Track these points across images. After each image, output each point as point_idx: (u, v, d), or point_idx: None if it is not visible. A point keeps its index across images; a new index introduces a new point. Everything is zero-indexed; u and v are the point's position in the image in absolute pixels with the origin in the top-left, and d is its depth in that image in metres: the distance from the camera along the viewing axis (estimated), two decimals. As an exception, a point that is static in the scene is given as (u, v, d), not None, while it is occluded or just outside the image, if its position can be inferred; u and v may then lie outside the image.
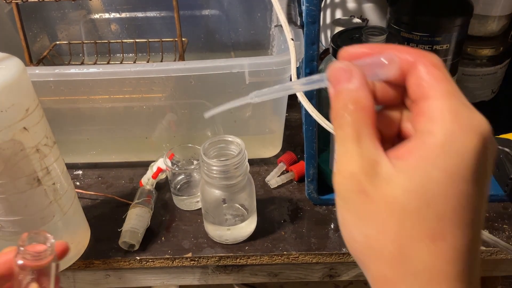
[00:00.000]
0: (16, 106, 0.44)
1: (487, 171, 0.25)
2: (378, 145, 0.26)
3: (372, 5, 0.79)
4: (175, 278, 0.63)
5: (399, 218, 0.24)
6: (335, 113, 0.27)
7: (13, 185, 0.47)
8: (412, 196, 0.24)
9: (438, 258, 0.24)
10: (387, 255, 0.25)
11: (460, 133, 0.24)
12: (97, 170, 0.73)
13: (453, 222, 0.24)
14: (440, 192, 0.24)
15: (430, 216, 0.24)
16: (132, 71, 0.60)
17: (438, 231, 0.24)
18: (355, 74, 0.26)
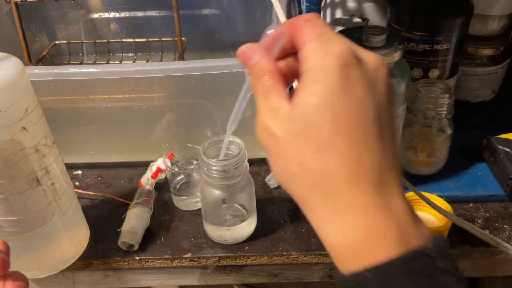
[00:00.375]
0: (15, 106, 0.44)
1: (357, 82, 0.30)
2: (282, 95, 0.31)
3: (372, 5, 0.79)
4: (174, 278, 0.63)
5: (295, 143, 0.30)
6: (252, 84, 0.33)
7: (12, 185, 0.47)
8: (298, 122, 0.30)
9: (331, 165, 0.29)
10: (297, 177, 0.30)
11: (323, 62, 0.30)
12: (97, 170, 0.73)
13: (333, 132, 0.29)
14: (316, 111, 0.29)
15: (313, 134, 0.29)
16: (131, 70, 0.60)
17: (325, 142, 0.29)
18: (255, 50, 0.34)
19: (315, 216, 0.31)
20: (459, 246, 0.58)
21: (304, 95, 0.30)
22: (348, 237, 0.29)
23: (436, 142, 0.64)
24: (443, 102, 0.61)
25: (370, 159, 0.29)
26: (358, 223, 0.29)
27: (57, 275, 0.60)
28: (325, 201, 0.29)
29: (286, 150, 0.30)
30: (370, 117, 0.30)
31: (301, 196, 0.31)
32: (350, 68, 0.30)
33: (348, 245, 0.29)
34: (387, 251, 0.28)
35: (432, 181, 0.66)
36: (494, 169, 0.66)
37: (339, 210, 0.29)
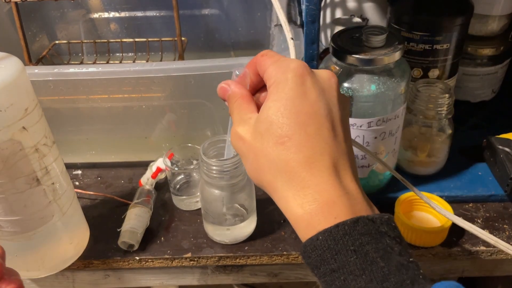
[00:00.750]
0: (15, 106, 0.44)
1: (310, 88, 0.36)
2: (252, 110, 0.39)
3: (373, 4, 0.79)
4: (174, 278, 0.63)
5: (261, 140, 0.36)
6: (229, 109, 0.41)
7: (12, 185, 0.47)
8: (263, 123, 0.36)
9: (289, 153, 0.35)
10: (264, 167, 0.36)
11: (282, 76, 0.37)
12: (97, 170, 0.73)
13: (291, 126, 0.35)
14: (277, 112, 0.35)
15: (274, 130, 0.35)
16: (131, 70, 0.60)
17: (284, 135, 0.35)
18: (229, 83, 0.41)
19: (280, 197, 0.36)
20: (459, 246, 0.58)
21: (267, 102, 0.36)
22: (306, 209, 0.34)
23: (436, 142, 0.64)
24: (443, 102, 0.61)
25: (322, 147, 0.35)
26: (314, 198, 0.34)
27: (57, 275, 0.60)
28: (288, 183, 0.35)
29: (254, 148, 0.36)
30: (322, 114, 0.36)
31: (269, 183, 0.36)
32: (304, 77, 0.36)
33: (306, 216, 0.34)
34: (338, 218, 0.33)
35: (432, 181, 0.66)
36: (494, 169, 0.66)
37: (298, 189, 0.34)
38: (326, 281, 0.33)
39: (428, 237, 0.57)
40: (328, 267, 0.32)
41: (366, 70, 0.53)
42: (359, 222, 0.33)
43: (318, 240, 0.33)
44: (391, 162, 0.62)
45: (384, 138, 0.58)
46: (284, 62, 0.38)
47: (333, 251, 0.32)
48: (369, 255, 0.32)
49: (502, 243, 0.50)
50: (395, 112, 0.56)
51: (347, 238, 0.32)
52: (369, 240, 0.32)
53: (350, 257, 0.32)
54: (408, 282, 0.31)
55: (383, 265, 0.31)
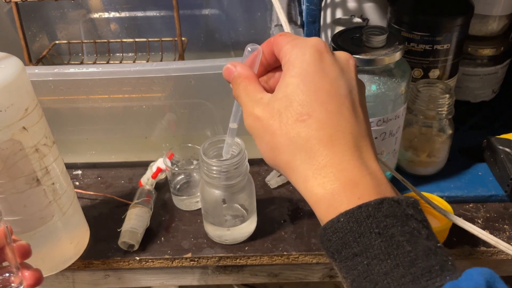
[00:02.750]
0: (15, 106, 0.44)
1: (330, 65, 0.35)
2: (261, 90, 0.38)
3: (373, 5, 0.79)
4: (174, 278, 0.63)
5: (279, 118, 0.35)
6: (234, 92, 0.40)
7: (12, 185, 0.47)
8: (281, 100, 0.35)
9: (311, 130, 0.34)
10: (282, 146, 0.35)
11: (300, 51, 0.36)
12: (97, 170, 0.73)
13: (312, 104, 0.34)
14: (296, 89, 0.34)
15: (295, 107, 0.34)
16: (131, 70, 0.60)
17: (304, 114, 0.34)
18: (235, 64, 0.40)
19: (299, 176, 0.34)
20: (459, 246, 0.58)
21: (285, 78, 0.35)
22: (327, 189, 0.32)
23: (436, 142, 0.64)
24: (443, 102, 0.61)
25: (344, 125, 0.34)
26: (336, 177, 0.33)
27: (57, 275, 0.60)
28: (308, 161, 0.34)
29: (271, 127, 0.35)
30: (342, 93, 0.35)
31: (286, 162, 0.35)
32: (323, 54, 0.35)
33: (327, 196, 0.32)
34: (362, 199, 0.31)
35: (432, 181, 0.66)
36: (494, 169, 0.66)
37: (319, 168, 0.33)
38: (348, 266, 0.31)
39: (428, 237, 0.57)
40: (350, 251, 0.31)
41: (366, 70, 0.53)
42: (384, 203, 0.31)
43: (339, 222, 0.31)
44: (391, 162, 0.62)
45: (385, 139, 0.58)
46: (302, 39, 0.37)
47: (355, 234, 0.30)
48: (394, 238, 0.30)
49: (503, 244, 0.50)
50: (396, 112, 0.56)
51: (371, 220, 0.30)
52: (395, 222, 0.30)
53: (374, 240, 0.30)
54: (437, 268, 0.29)
55: (410, 249, 0.30)
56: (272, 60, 0.40)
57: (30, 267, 0.40)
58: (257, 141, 0.37)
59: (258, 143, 0.37)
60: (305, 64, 0.35)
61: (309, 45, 0.35)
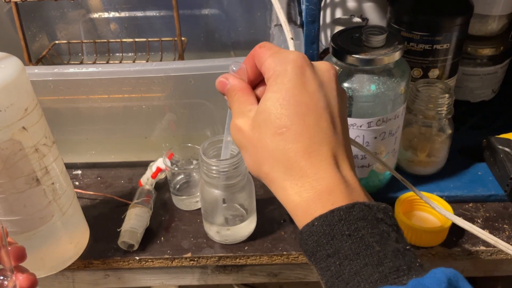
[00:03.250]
0: (15, 106, 0.44)
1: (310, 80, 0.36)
2: (252, 103, 0.39)
3: (372, 4, 0.79)
4: (174, 278, 0.63)
5: (259, 131, 0.36)
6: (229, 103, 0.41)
7: (12, 185, 0.47)
8: (261, 114, 0.36)
9: (287, 143, 0.35)
10: (262, 158, 0.36)
11: (281, 67, 0.36)
12: (96, 170, 0.73)
13: (290, 117, 0.35)
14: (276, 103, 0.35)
15: (273, 121, 0.35)
16: (131, 70, 0.60)
17: (282, 126, 0.35)
18: (227, 77, 0.41)
19: (278, 187, 0.36)
20: (458, 245, 0.58)
21: (267, 94, 0.36)
22: (303, 197, 0.34)
23: (436, 142, 0.64)
24: (443, 102, 0.61)
25: (321, 137, 0.35)
26: (312, 186, 0.34)
27: (57, 275, 0.60)
28: (286, 173, 0.35)
29: (252, 139, 0.37)
30: (321, 105, 0.36)
31: (267, 174, 0.36)
32: (303, 68, 0.36)
33: (303, 203, 0.34)
34: (335, 204, 0.33)
35: (432, 181, 0.66)
36: (494, 169, 0.66)
37: (297, 178, 0.35)
38: (322, 267, 0.33)
39: (428, 237, 0.57)
40: (324, 252, 0.32)
41: (366, 70, 0.53)
42: (355, 207, 0.32)
43: (314, 226, 0.33)
44: (391, 162, 0.62)
45: (384, 138, 0.58)
46: (283, 53, 0.37)
47: (328, 237, 0.32)
48: (364, 240, 0.31)
49: (502, 243, 0.50)
50: (395, 112, 0.56)
51: (342, 223, 0.32)
52: (365, 225, 0.32)
53: (345, 242, 0.32)
54: (405, 268, 0.31)
55: (379, 249, 0.31)
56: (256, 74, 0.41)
57: (25, 271, 0.40)
58: (242, 152, 0.39)
59: (243, 154, 0.38)
60: (286, 80, 0.36)
61: (290, 60, 0.36)
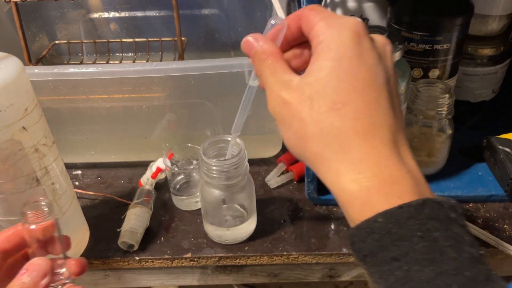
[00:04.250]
0: (15, 106, 0.44)
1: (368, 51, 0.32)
2: (288, 71, 0.34)
3: (372, 5, 0.79)
4: (174, 278, 0.63)
5: (310, 105, 0.31)
6: (256, 69, 0.36)
7: (12, 185, 0.47)
8: (313, 85, 0.32)
9: (344, 120, 0.30)
10: (312, 136, 0.31)
11: (336, 32, 0.32)
12: (96, 170, 0.73)
13: (348, 91, 0.31)
14: (332, 73, 0.31)
15: (329, 93, 0.31)
16: (131, 70, 0.60)
17: (339, 101, 0.31)
18: (257, 38, 0.36)
19: (329, 170, 0.31)
20: (459, 246, 0.58)
21: (318, 61, 0.32)
22: (362, 186, 0.29)
23: (436, 142, 0.64)
24: (443, 102, 0.60)
25: (382, 118, 0.31)
26: (373, 173, 0.30)
27: (57, 275, 0.59)
28: (341, 154, 0.30)
29: (301, 113, 0.32)
30: (380, 81, 0.32)
31: (315, 154, 0.32)
32: (362, 38, 0.32)
33: (363, 194, 0.29)
34: (401, 198, 0.29)
35: (432, 181, 0.66)
36: (494, 169, 0.66)
37: (354, 162, 0.30)
38: (383, 271, 0.28)
39: (428, 237, 0.57)
40: (387, 254, 0.28)
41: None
42: (426, 204, 0.28)
43: (376, 223, 0.28)
44: (391, 162, 0.62)
45: (384, 138, 0.57)
46: (338, 18, 0.33)
47: (395, 236, 0.28)
48: (438, 243, 0.27)
49: (502, 243, 0.50)
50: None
51: (413, 221, 0.28)
52: (438, 226, 0.28)
53: (416, 244, 0.27)
54: (482, 278, 0.27)
55: (455, 256, 0.27)
56: (296, 36, 0.36)
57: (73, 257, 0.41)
58: (282, 127, 0.34)
59: (283, 130, 0.34)
60: (341, 47, 0.31)
61: (347, 26, 0.32)
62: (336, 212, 0.63)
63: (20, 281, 0.36)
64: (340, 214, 0.63)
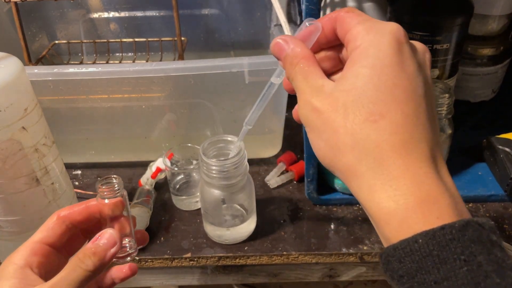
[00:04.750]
0: (14, 106, 0.44)
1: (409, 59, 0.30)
2: (321, 75, 0.32)
3: (372, 4, 0.79)
4: (174, 278, 0.63)
5: (343, 114, 0.30)
6: (288, 73, 0.34)
7: (11, 185, 0.47)
8: (349, 93, 0.30)
9: (382, 135, 0.29)
10: (344, 147, 0.30)
11: (375, 38, 0.30)
12: (96, 170, 0.73)
13: (386, 102, 0.29)
14: (369, 82, 0.29)
15: (366, 103, 0.29)
16: (131, 70, 0.60)
17: (376, 113, 0.29)
18: (288, 40, 0.34)
19: (363, 185, 0.30)
20: (459, 246, 0.58)
21: (355, 67, 0.30)
22: (400, 203, 0.28)
23: (436, 142, 0.64)
24: (443, 102, 0.60)
25: (421, 132, 0.30)
26: (410, 190, 0.28)
27: (57, 275, 0.59)
28: (376, 169, 0.29)
29: (333, 122, 0.30)
30: (420, 92, 0.30)
31: (349, 167, 0.30)
32: (402, 44, 0.30)
33: (400, 212, 0.28)
34: (440, 218, 0.27)
35: (432, 181, 0.66)
36: (494, 169, 0.66)
37: (390, 178, 0.29)
38: None
39: (428, 237, 0.57)
40: (427, 277, 0.27)
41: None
42: (469, 226, 0.27)
43: (416, 243, 0.27)
44: (391, 162, 0.62)
45: (384, 138, 0.57)
46: (378, 23, 0.32)
47: (436, 259, 0.26)
48: (482, 268, 0.26)
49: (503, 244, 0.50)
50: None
51: (455, 244, 0.26)
52: (481, 249, 0.26)
53: (459, 268, 0.26)
54: None
55: (499, 281, 0.26)
56: (331, 38, 0.35)
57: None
58: (313, 135, 0.32)
59: (313, 138, 0.32)
60: (381, 54, 0.30)
61: (387, 32, 0.30)
62: (336, 212, 0.63)
63: (94, 245, 0.38)
64: (340, 214, 0.63)
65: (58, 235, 0.40)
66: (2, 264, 0.39)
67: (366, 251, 0.58)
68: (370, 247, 0.58)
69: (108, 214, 0.40)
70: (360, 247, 0.58)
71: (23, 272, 0.38)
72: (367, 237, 0.59)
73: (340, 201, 0.64)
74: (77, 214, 0.41)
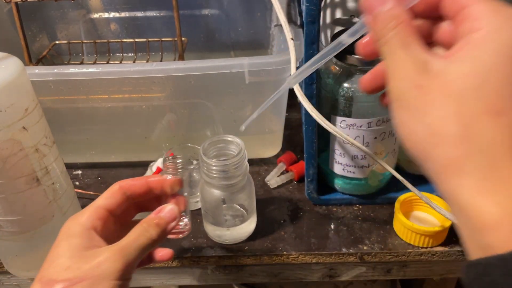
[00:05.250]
0: (15, 106, 0.44)
1: None
2: (425, 48, 0.28)
3: None
4: (174, 278, 0.63)
5: (459, 100, 0.26)
6: (377, 35, 0.30)
7: (12, 185, 0.47)
8: (467, 78, 0.26)
9: (501, 133, 0.25)
10: (451, 137, 0.26)
11: (503, 21, 0.27)
12: (97, 170, 0.73)
13: (510, 98, 0.25)
14: (495, 71, 0.26)
15: (488, 93, 0.26)
16: (131, 70, 0.60)
17: (499, 107, 0.25)
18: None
19: (465, 184, 0.26)
20: (458, 245, 0.58)
21: (476, 52, 0.27)
22: (508, 211, 0.25)
23: (436, 142, 0.64)
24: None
25: None
26: None
27: (57, 275, 0.59)
28: (485, 169, 0.26)
29: (441, 106, 0.27)
30: None
31: (452, 161, 0.27)
32: None
33: (508, 220, 0.25)
34: None
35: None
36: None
37: (501, 182, 0.25)
38: None
39: (428, 237, 0.57)
40: None
41: (366, 70, 0.53)
42: None
43: None
44: (391, 162, 0.62)
45: (384, 138, 0.58)
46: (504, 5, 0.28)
47: None
48: None
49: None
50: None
51: None
52: None
53: None
54: None
55: None
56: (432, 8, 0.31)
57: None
58: (407, 115, 0.28)
59: (407, 120, 0.28)
60: (510, 42, 0.26)
61: None
62: (336, 212, 0.63)
63: (157, 217, 0.41)
64: (340, 214, 0.63)
65: (118, 203, 0.43)
66: (67, 223, 0.42)
67: (366, 251, 0.58)
68: (370, 247, 0.58)
69: (167, 191, 0.43)
70: (360, 247, 0.58)
71: (90, 233, 0.40)
72: (367, 237, 0.59)
73: (340, 201, 0.64)
74: (138, 187, 0.43)
